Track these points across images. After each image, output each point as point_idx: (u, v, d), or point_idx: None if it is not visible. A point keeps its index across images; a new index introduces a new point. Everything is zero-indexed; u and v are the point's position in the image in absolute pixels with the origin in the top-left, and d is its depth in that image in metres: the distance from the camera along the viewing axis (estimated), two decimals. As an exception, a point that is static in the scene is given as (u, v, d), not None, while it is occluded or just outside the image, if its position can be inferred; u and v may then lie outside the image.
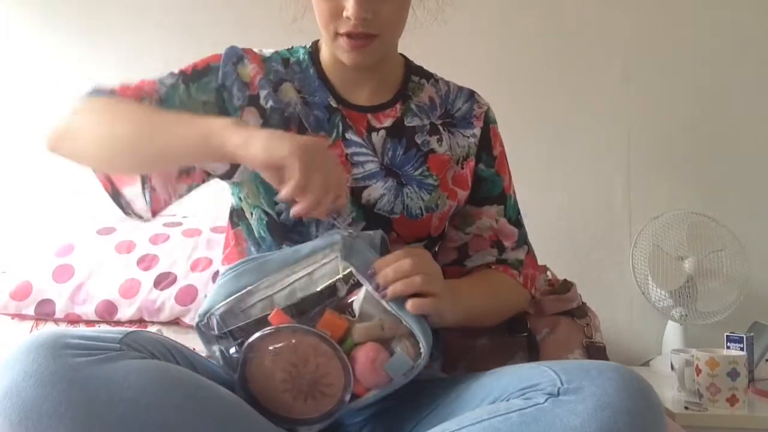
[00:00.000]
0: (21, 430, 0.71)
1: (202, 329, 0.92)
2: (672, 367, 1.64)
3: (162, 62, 1.98)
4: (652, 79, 2.07)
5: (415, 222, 1.04)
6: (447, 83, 1.16)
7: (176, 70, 1.06)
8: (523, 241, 1.17)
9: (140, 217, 1.03)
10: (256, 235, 1.06)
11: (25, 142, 2.01)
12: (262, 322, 0.88)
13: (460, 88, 1.16)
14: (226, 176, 1.06)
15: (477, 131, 1.13)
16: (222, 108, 1.04)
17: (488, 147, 1.14)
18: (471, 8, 2.03)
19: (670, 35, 2.08)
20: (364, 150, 1.05)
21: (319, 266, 0.89)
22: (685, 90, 2.07)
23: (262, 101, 1.05)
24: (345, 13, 0.96)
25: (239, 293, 0.90)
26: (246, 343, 0.85)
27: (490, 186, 1.14)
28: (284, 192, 0.83)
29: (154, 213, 1.02)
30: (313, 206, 0.84)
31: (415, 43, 1.15)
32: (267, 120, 1.04)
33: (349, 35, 0.98)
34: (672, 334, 1.89)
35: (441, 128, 1.11)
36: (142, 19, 2.03)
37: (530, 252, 1.18)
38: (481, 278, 1.11)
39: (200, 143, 0.87)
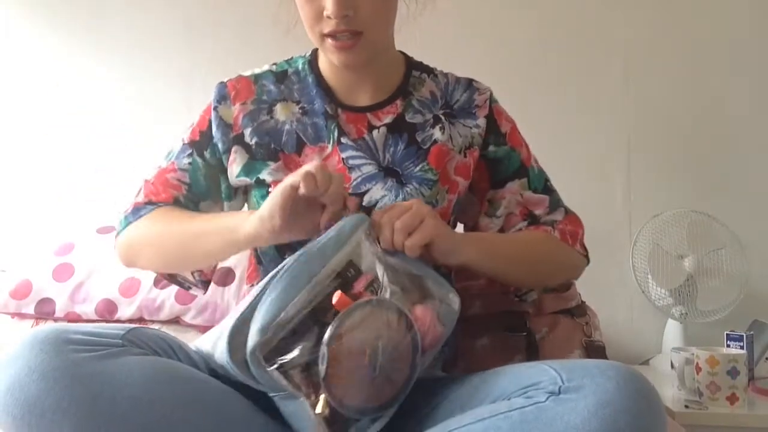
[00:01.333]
0: (23, 425, 0.72)
1: (258, 352, 0.78)
2: (672, 366, 1.63)
3: (162, 61, 2.01)
4: (652, 80, 2.07)
5: None
6: (446, 75, 1.16)
7: (186, 139, 1.11)
8: (556, 204, 1.17)
9: (198, 288, 1.15)
10: (258, 251, 1.09)
11: (25, 141, 2.01)
12: (319, 310, 0.82)
13: (458, 79, 1.16)
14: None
15: (481, 121, 1.13)
16: (221, 158, 1.09)
17: (495, 128, 1.14)
18: (470, 8, 2.04)
19: (670, 35, 2.08)
20: (360, 153, 1.06)
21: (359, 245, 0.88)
22: (685, 90, 2.07)
23: (246, 139, 1.07)
24: (325, 13, 0.97)
25: (309, 284, 0.82)
26: (328, 336, 0.78)
27: (507, 163, 1.14)
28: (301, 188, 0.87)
29: (205, 283, 1.14)
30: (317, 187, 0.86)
31: (414, 43, 1.15)
32: (253, 155, 1.07)
33: (333, 36, 0.99)
34: (672, 332, 1.89)
35: (443, 118, 1.11)
36: (143, 16, 2.03)
37: (569, 213, 1.18)
38: (511, 234, 1.13)
39: (229, 240, 0.98)
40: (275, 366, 0.78)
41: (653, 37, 2.08)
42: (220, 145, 1.08)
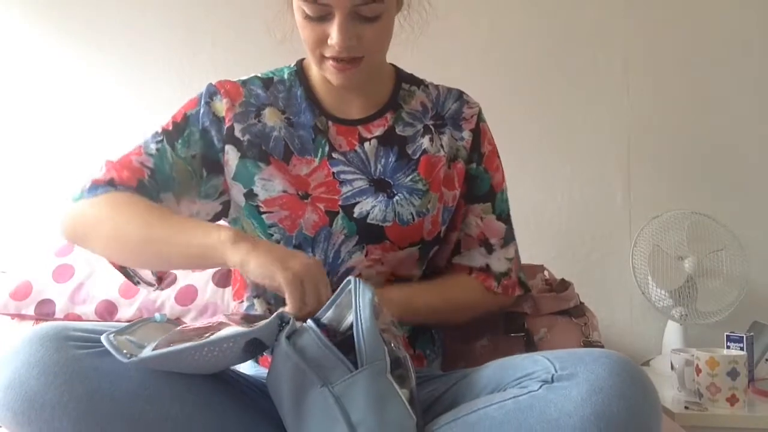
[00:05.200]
0: (24, 420, 0.73)
1: None
2: (672, 367, 1.63)
3: (162, 61, 2.02)
4: (653, 79, 2.07)
5: (407, 228, 1.05)
6: (436, 87, 1.17)
7: (159, 128, 1.08)
8: (510, 238, 1.16)
9: (150, 285, 1.10)
10: None
11: (25, 141, 2.02)
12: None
13: (449, 90, 1.17)
14: (222, 215, 1.11)
15: (467, 134, 1.13)
16: (208, 155, 1.06)
17: (478, 146, 1.14)
18: (470, 8, 2.04)
19: (671, 35, 2.08)
20: (351, 168, 1.07)
21: None
22: (685, 89, 2.07)
23: (237, 134, 1.06)
24: (330, 41, 0.98)
25: None
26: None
27: (479, 184, 1.14)
28: (287, 309, 0.85)
29: (160, 281, 1.10)
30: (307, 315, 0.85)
31: (416, 42, 1.15)
32: (245, 154, 1.05)
33: (335, 59, 1.00)
34: (672, 333, 1.89)
35: (432, 129, 1.12)
36: (142, 17, 2.04)
37: (516, 250, 1.17)
38: (444, 281, 1.12)
39: (200, 258, 0.92)
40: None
41: (653, 37, 2.08)
42: (216, 142, 1.06)
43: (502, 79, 2.03)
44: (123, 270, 1.09)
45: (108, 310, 1.63)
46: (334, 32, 0.96)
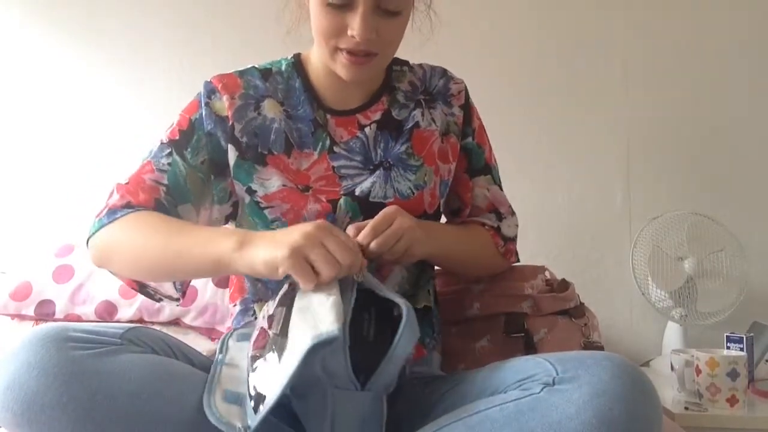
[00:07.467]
0: (23, 421, 0.73)
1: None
2: (672, 368, 1.63)
3: (163, 61, 2.02)
4: (652, 79, 2.07)
5: (408, 202, 1.06)
6: (421, 66, 1.19)
7: (165, 139, 1.07)
8: (510, 207, 1.23)
9: (171, 299, 1.09)
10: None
11: (25, 142, 2.02)
12: None
13: (433, 68, 1.19)
14: (232, 217, 1.11)
15: (457, 110, 1.16)
16: (215, 159, 1.06)
17: (470, 121, 1.18)
18: (471, 8, 2.04)
19: (670, 35, 2.08)
20: (353, 162, 1.07)
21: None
22: (684, 90, 2.07)
23: (237, 134, 1.06)
24: (350, 32, 0.97)
25: None
26: None
27: (474, 158, 1.18)
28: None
29: (184, 293, 1.10)
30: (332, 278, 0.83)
31: (419, 50, 1.16)
32: (243, 155, 1.05)
33: (350, 52, 0.99)
34: (672, 334, 1.89)
35: (423, 103, 1.14)
36: (144, 17, 2.04)
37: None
38: (465, 228, 1.19)
39: (214, 270, 0.92)
40: None
41: (653, 39, 2.08)
42: (222, 143, 1.06)
43: (502, 79, 2.04)
44: (144, 290, 1.08)
45: (108, 311, 1.63)
46: (356, 23, 0.95)
